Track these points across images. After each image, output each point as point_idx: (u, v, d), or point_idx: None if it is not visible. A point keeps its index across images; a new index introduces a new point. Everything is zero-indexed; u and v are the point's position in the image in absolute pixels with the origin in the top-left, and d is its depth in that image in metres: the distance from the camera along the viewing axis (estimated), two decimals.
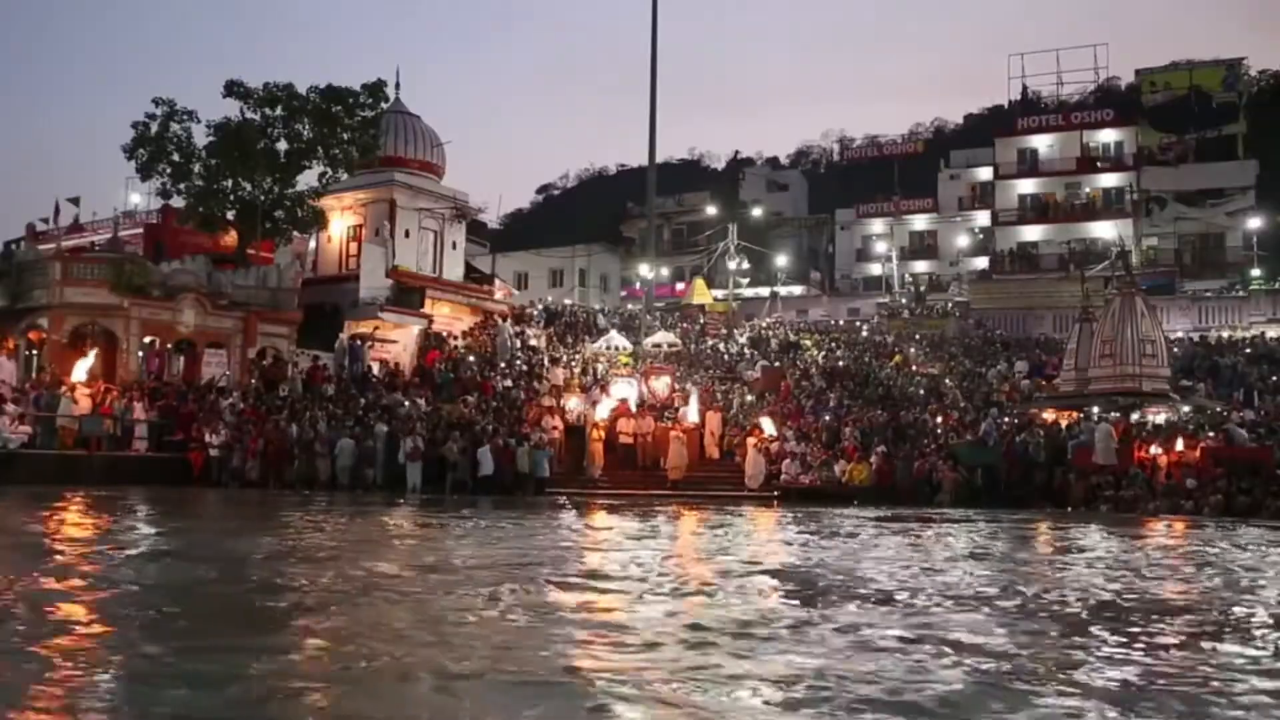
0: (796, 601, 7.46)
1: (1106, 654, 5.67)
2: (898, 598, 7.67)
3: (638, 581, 8.35)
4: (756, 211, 60.22)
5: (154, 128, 28.16)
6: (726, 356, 33.31)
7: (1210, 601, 8.01)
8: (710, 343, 35.24)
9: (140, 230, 36.95)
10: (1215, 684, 4.97)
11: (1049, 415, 24.53)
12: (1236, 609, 7.52)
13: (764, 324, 39.06)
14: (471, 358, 29.38)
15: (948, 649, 5.59)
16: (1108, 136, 51.92)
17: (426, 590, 7.63)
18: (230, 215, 29.47)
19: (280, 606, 6.79)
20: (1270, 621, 6.94)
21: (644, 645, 5.63)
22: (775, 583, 8.45)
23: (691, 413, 24.72)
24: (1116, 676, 5.08)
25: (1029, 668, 5.26)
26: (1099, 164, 51.23)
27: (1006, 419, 24.26)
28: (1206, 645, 6.03)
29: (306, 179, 30.20)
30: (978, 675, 5.00)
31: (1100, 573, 9.79)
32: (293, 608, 6.73)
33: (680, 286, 53.93)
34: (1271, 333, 33.24)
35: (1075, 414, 24.15)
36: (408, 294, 31.36)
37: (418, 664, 5.00)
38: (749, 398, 27.72)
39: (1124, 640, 6.07)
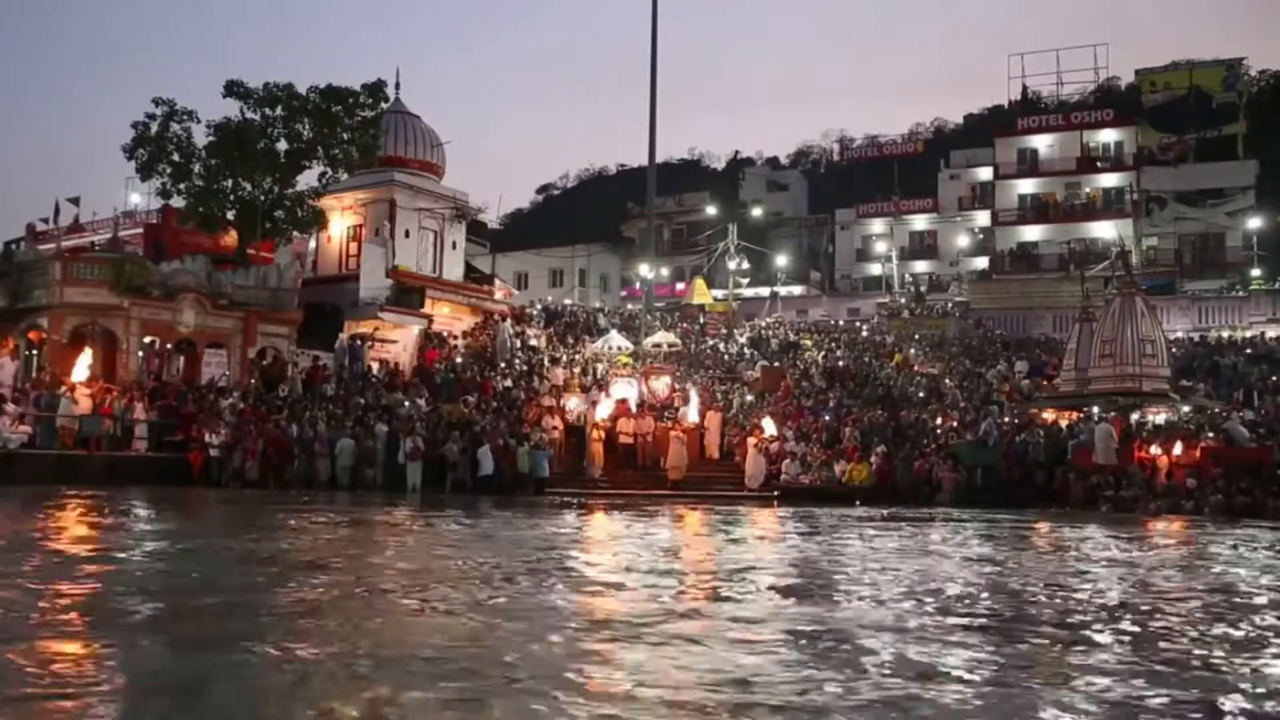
0: (728, 597, 7.62)
1: (991, 658, 5.57)
2: (833, 594, 7.80)
3: (592, 579, 8.52)
4: (756, 211, 60.21)
5: (154, 128, 28.11)
6: (726, 356, 33.33)
7: (1146, 605, 7.93)
8: (710, 343, 35.25)
9: (140, 230, 36.91)
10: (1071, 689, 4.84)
11: (1049, 415, 24.53)
12: (1168, 613, 7.47)
13: (764, 324, 39.07)
14: (459, 360, 29.33)
15: (844, 648, 5.66)
16: (1108, 136, 51.94)
17: (388, 591, 7.66)
18: (230, 215, 29.44)
19: (239, 607, 6.84)
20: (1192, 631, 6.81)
21: (535, 639, 5.78)
22: (720, 580, 8.64)
23: (691, 413, 24.73)
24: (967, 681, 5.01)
25: (901, 669, 5.22)
26: (1099, 164, 51.25)
27: (1006, 419, 24.26)
28: (1102, 654, 5.86)
29: (306, 179, 30.22)
30: (846, 676, 4.99)
31: (1057, 573, 9.79)
32: (246, 610, 6.76)
33: (680, 286, 53.95)
34: (1271, 333, 33.25)
35: (1075, 414, 24.15)
36: (408, 294, 31.35)
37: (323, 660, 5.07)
38: (749, 398, 27.73)
39: (1017, 646, 5.94)
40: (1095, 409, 23.39)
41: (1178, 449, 20.74)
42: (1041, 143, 52.24)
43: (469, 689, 4.59)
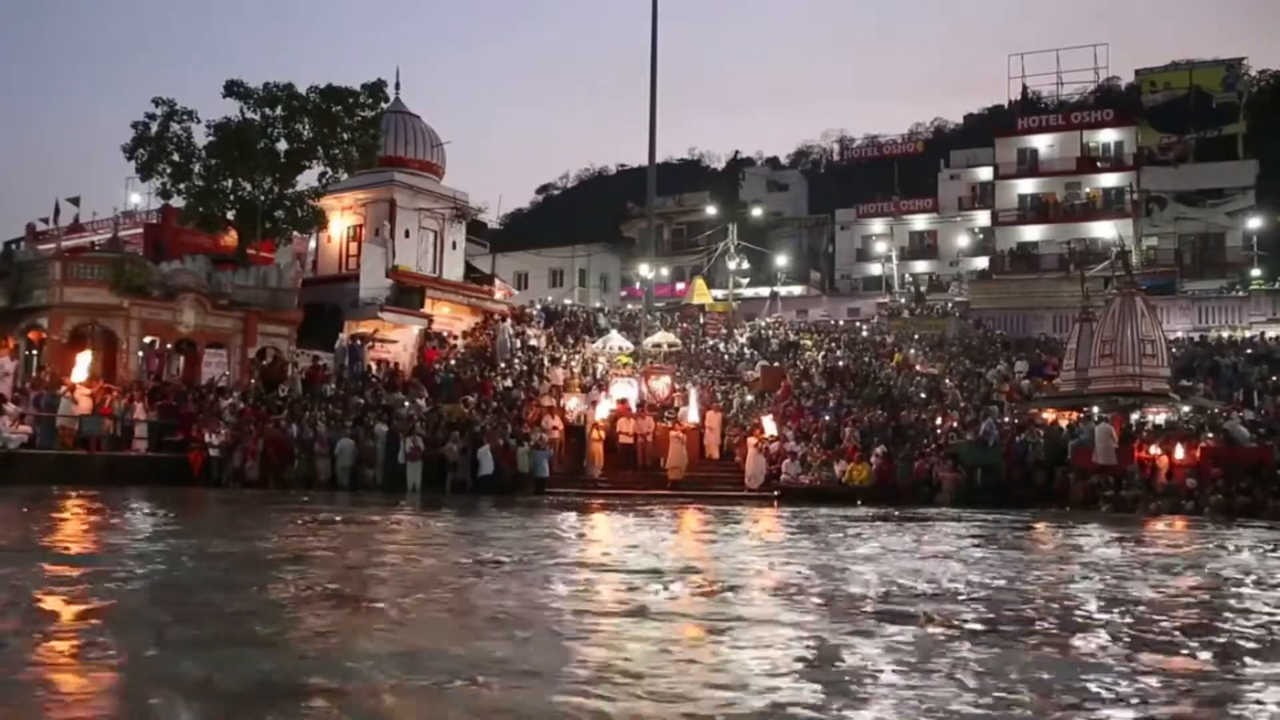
0: (637, 592, 7.82)
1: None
2: (738, 591, 8.02)
3: (536, 578, 8.60)
4: (756, 211, 60.21)
5: (154, 128, 28.14)
6: (726, 356, 33.31)
7: (1041, 600, 7.83)
8: (710, 343, 35.24)
9: (140, 230, 36.93)
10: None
11: (1049, 415, 24.52)
12: (1052, 605, 7.40)
13: (764, 324, 39.05)
14: (454, 361, 29.34)
15: (705, 644, 5.74)
16: (1108, 136, 51.93)
17: (333, 590, 7.68)
18: (230, 215, 29.46)
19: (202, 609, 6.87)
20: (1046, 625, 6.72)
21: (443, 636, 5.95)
22: (644, 577, 8.80)
23: (691, 413, 24.72)
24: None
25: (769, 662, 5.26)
26: (1099, 164, 51.23)
27: (1006, 419, 24.26)
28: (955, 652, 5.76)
29: (306, 179, 30.26)
30: (694, 669, 5.05)
31: (989, 570, 9.75)
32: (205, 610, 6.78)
33: (680, 286, 53.92)
34: (1271, 333, 33.23)
35: (1075, 414, 24.14)
36: (408, 294, 31.36)
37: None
38: (749, 398, 27.72)
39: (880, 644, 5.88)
40: (1095, 409, 23.38)
41: (1178, 449, 20.73)
42: (1041, 143, 52.22)
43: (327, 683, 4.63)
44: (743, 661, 5.30)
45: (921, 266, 55.45)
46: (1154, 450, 20.93)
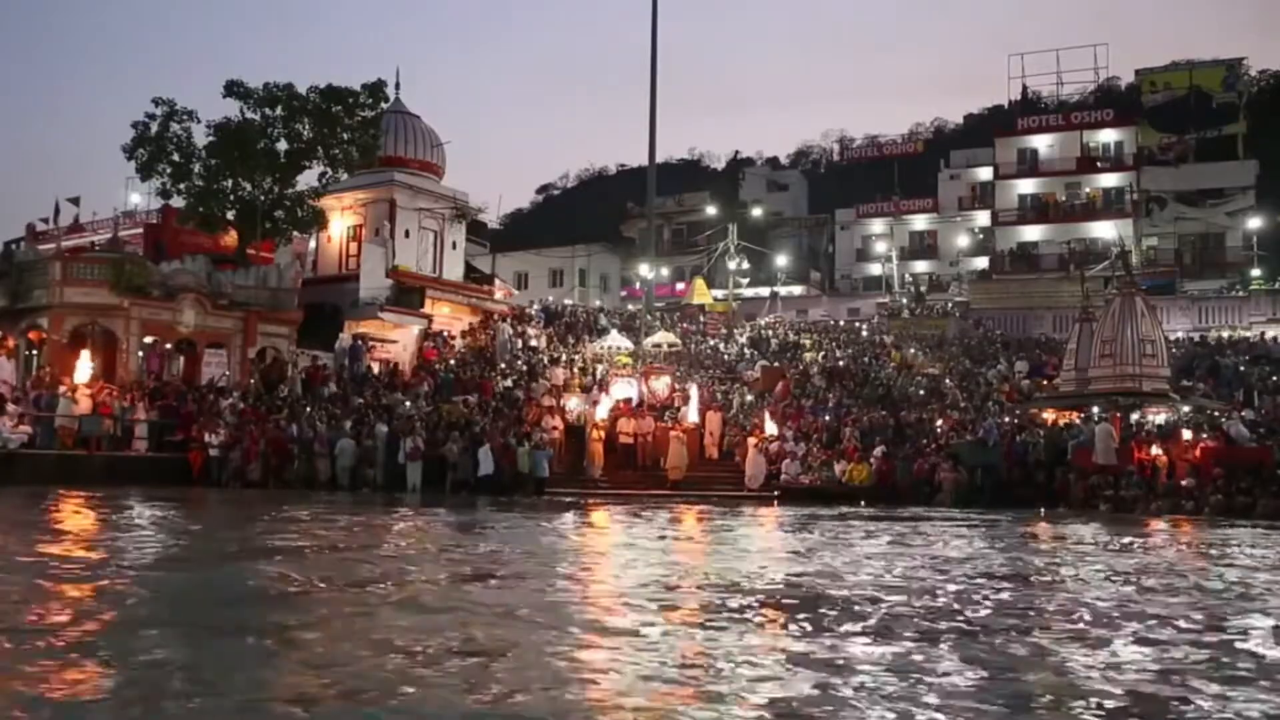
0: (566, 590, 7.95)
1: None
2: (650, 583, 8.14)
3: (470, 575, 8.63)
4: (756, 211, 60.19)
5: (154, 128, 28.16)
6: (726, 356, 33.31)
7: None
8: (710, 343, 35.22)
9: (140, 230, 36.94)
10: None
11: (1049, 415, 24.52)
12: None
13: (764, 324, 39.03)
14: (453, 361, 29.33)
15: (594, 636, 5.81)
16: (1108, 136, 51.92)
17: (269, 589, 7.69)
18: (230, 215, 29.47)
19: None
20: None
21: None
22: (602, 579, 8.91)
23: (691, 413, 24.70)
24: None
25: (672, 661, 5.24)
26: (1099, 164, 51.22)
27: (1006, 419, 24.25)
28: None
29: (306, 179, 30.28)
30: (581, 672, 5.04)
31: (936, 569, 9.68)
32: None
33: (680, 286, 53.93)
34: (1271, 333, 33.20)
35: (1075, 414, 24.14)
36: (408, 294, 31.38)
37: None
38: (749, 398, 27.72)
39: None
40: (1095, 409, 23.37)
41: (1178, 449, 20.71)
42: (1041, 143, 52.21)
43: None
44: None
45: (921, 266, 55.44)
46: (1154, 450, 20.93)
